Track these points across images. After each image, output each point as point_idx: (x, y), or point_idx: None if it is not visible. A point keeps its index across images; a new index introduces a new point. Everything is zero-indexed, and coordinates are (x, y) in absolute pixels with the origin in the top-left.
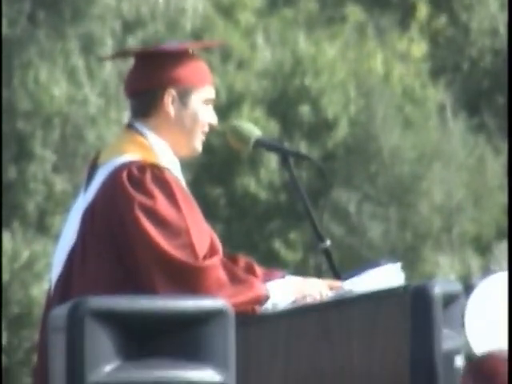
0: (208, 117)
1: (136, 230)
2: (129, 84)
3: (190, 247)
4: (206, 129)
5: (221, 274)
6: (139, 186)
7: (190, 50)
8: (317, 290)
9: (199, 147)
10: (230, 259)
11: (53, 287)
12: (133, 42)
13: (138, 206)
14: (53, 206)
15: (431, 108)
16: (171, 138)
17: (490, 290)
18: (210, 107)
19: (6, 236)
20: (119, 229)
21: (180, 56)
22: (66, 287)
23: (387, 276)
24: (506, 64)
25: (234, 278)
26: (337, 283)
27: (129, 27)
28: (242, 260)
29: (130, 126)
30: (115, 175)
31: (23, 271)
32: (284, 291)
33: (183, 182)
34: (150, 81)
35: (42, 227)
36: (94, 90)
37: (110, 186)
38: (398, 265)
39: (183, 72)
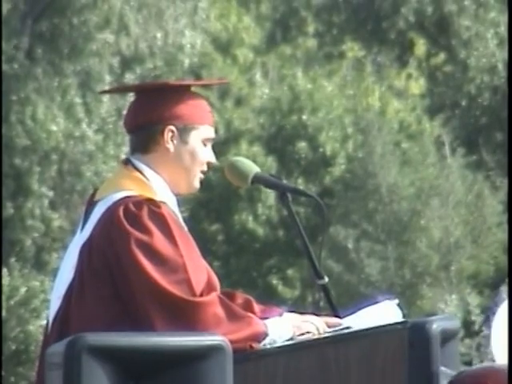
0: (207, 156)
1: (132, 266)
2: (129, 119)
3: (187, 283)
4: (205, 168)
5: (218, 311)
6: (136, 221)
7: (192, 88)
8: (315, 326)
9: (197, 185)
10: (228, 296)
11: (50, 323)
12: (131, 77)
13: (135, 242)
14: (50, 243)
15: (429, 144)
16: (169, 174)
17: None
18: (209, 147)
19: (2, 272)
20: (116, 265)
21: (182, 93)
22: (63, 323)
23: (385, 313)
24: (507, 100)
25: (232, 315)
26: (334, 320)
27: (127, 63)
28: (240, 297)
29: (127, 162)
30: (112, 211)
31: (20, 307)
32: (282, 328)
33: (180, 218)
34: (150, 116)
35: (39, 263)
36: (91, 126)
37: (106, 221)
38: (396, 301)
39: (184, 109)
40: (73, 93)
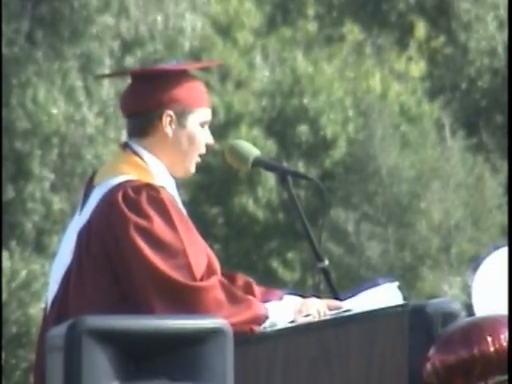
0: (205, 138)
1: (132, 252)
2: (126, 103)
3: (187, 267)
4: (203, 150)
5: (219, 294)
6: (135, 206)
7: (189, 71)
8: (315, 309)
9: (193, 169)
10: (229, 278)
11: (49, 307)
12: (131, 61)
13: (134, 227)
14: (51, 226)
15: (429, 127)
16: (167, 157)
17: (497, 263)
18: (207, 128)
19: (3, 255)
20: (115, 250)
21: (178, 77)
22: (62, 307)
23: (385, 295)
24: (506, 82)
25: (232, 298)
26: (335, 302)
27: (127, 47)
28: (241, 279)
29: (125, 146)
30: (110, 195)
31: (21, 290)
32: (282, 311)
33: (179, 202)
34: (148, 101)
35: (40, 246)
36: (92, 110)
37: (105, 206)
38: (396, 284)
39: (182, 93)
40: (73, 76)
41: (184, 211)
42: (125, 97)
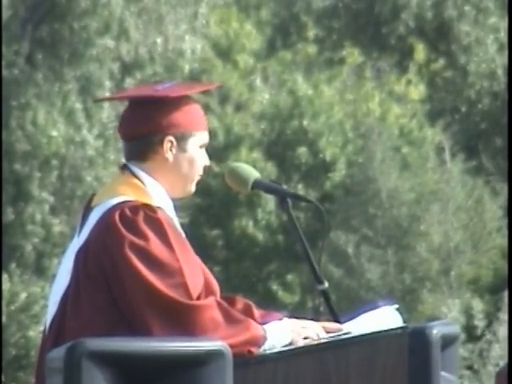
0: (204, 160)
1: (128, 271)
2: (125, 128)
3: (184, 287)
4: (201, 172)
5: (216, 314)
6: (131, 226)
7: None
8: (314, 331)
9: (193, 189)
10: (228, 301)
11: (47, 328)
12: (131, 83)
13: (130, 247)
14: (50, 248)
15: (429, 149)
16: (167, 181)
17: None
18: (204, 151)
19: (3, 278)
20: (111, 270)
21: (178, 101)
22: (59, 329)
23: (385, 318)
24: (506, 105)
25: (230, 319)
26: (334, 325)
27: (127, 69)
28: (240, 302)
29: (124, 168)
30: (108, 216)
31: (20, 313)
32: (281, 333)
33: (177, 224)
34: (148, 126)
35: (40, 269)
36: (92, 132)
37: (102, 226)
38: (396, 306)
39: (181, 117)
40: (73, 98)
41: (182, 233)
42: (124, 121)
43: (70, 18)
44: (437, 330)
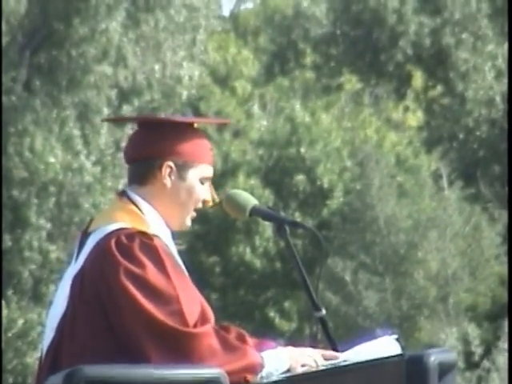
0: (203, 194)
1: (125, 299)
2: (129, 150)
3: (180, 314)
4: (200, 205)
5: (213, 341)
6: (127, 253)
7: (195, 125)
8: (312, 359)
9: (189, 223)
10: (221, 329)
11: (44, 355)
12: (128, 109)
13: (126, 274)
14: (47, 275)
15: (426, 177)
16: (164, 208)
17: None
18: (207, 185)
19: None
20: (108, 297)
21: (184, 129)
22: (56, 355)
23: (384, 348)
24: (504, 132)
25: (227, 346)
26: (331, 353)
27: (125, 95)
28: (233, 330)
29: (122, 194)
30: (104, 243)
31: (17, 340)
32: (278, 360)
33: (175, 251)
34: (149, 150)
35: (37, 295)
36: (89, 158)
37: (98, 253)
38: (395, 337)
39: (185, 146)
40: (71, 125)
41: (180, 261)
42: (129, 143)
43: (67, 45)
44: (434, 358)
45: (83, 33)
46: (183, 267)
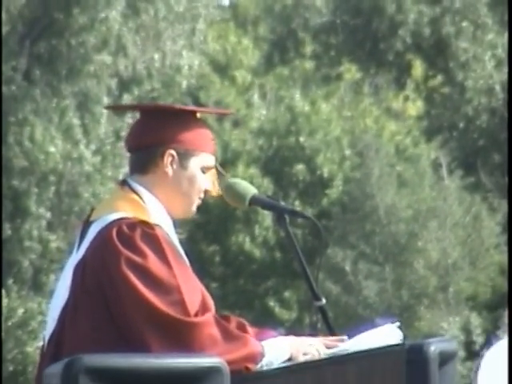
0: (205, 183)
1: (126, 288)
2: (131, 138)
3: (181, 304)
4: (202, 195)
5: (214, 331)
6: (128, 243)
7: (198, 114)
8: (314, 348)
9: (194, 211)
10: (222, 319)
11: (46, 344)
12: (128, 99)
13: (128, 264)
14: (47, 264)
15: (426, 166)
16: (166, 197)
17: (496, 358)
18: (208, 175)
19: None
20: (109, 287)
21: (186, 118)
22: (58, 344)
23: (386, 336)
24: (504, 122)
25: (228, 335)
26: (335, 339)
27: (125, 85)
28: (234, 320)
29: (124, 183)
30: (105, 232)
31: (17, 329)
32: (279, 349)
33: (176, 240)
34: (151, 138)
35: (37, 285)
36: (89, 148)
37: (100, 242)
38: (397, 324)
39: (187, 134)
40: (71, 114)
41: (181, 250)
42: (131, 131)
43: (67, 34)
44: (434, 347)
45: (83, 22)
46: (184, 256)
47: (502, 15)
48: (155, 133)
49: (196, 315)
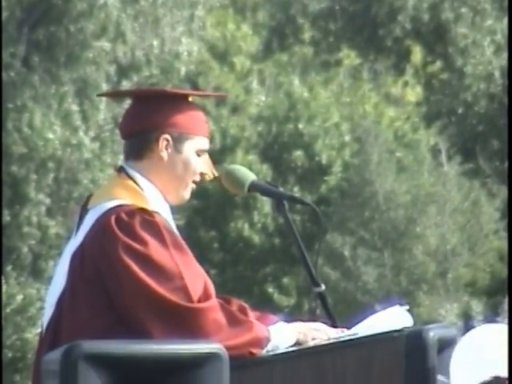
0: (200, 166)
1: (127, 275)
2: (124, 125)
3: (184, 290)
4: (197, 178)
5: (219, 316)
6: (128, 230)
7: (190, 98)
8: (323, 333)
9: (187, 195)
10: (224, 302)
11: (44, 331)
12: (127, 85)
13: (128, 251)
14: (46, 250)
15: (425, 152)
16: (161, 182)
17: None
18: (204, 158)
19: None
20: (109, 274)
21: (178, 102)
22: (56, 331)
23: (396, 318)
24: (503, 107)
25: (233, 320)
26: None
27: (123, 71)
28: (235, 303)
29: (120, 170)
30: (104, 219)
31: (17, 315)
32: (285, 334)
33: (174, 227)
34: (145, 123)
35: (36, 271)
36: (88, 134)
37: (98, 230)
38: (406, 307)
39: (180, 118)
40: (69, 100)
41: (179, 236)
42: (124, 118)
43: (66, 21)
44: (433, 333)
45: (82, 8)
46: (184, 243)
47: (501, 1)
48: (149, 118)
49: (199, 301)
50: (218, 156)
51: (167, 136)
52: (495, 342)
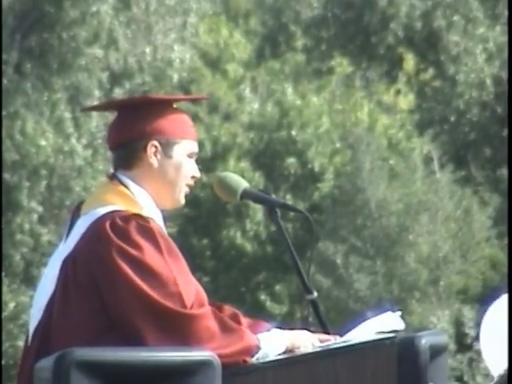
0: (191, 170)
1: (122, 281)
2: (111, 136)
3: (178, 296)
4: (190, 182)
5: (211, 324)
6: (123, 235)
7: (174, 103)
8: (309, 342)
9: (182, 200)
10: (216, 309)
11: (31, 335)
12: (120, 93)
13: (123, 256)
14: (39, 258)
15: (417, 160)
16: (154, 188)
17: (500, 312)
18: (193, 161)
19: None
20: (103, 278)
21: (163, 108)
22: (44, 336)
23: (388, 323)
24: (495, 115)
25: (225, 328)
26: (327, 336)
27: (116, 78)
28: (228, 310)
29: (112, 176)
30: (98, 225)
31: (9, 322)
32: (275, 342)
33: (166, 233)
34: (131, 132)
35: (28, 278)
36: (80, 141)
37: (92, 235)
38: (399, 313)
39: (166, 124)
40: (62, 108)
41: (173, 243)
42: (110, 129)
43: (58, 28)
44: (425, 340)
45: (74, 15)
46: (178, 250)
47: (493, 9)
48: (135, 127)
49: (191, 308)
50: (209, 163)
51: (155, 142)
52: None
